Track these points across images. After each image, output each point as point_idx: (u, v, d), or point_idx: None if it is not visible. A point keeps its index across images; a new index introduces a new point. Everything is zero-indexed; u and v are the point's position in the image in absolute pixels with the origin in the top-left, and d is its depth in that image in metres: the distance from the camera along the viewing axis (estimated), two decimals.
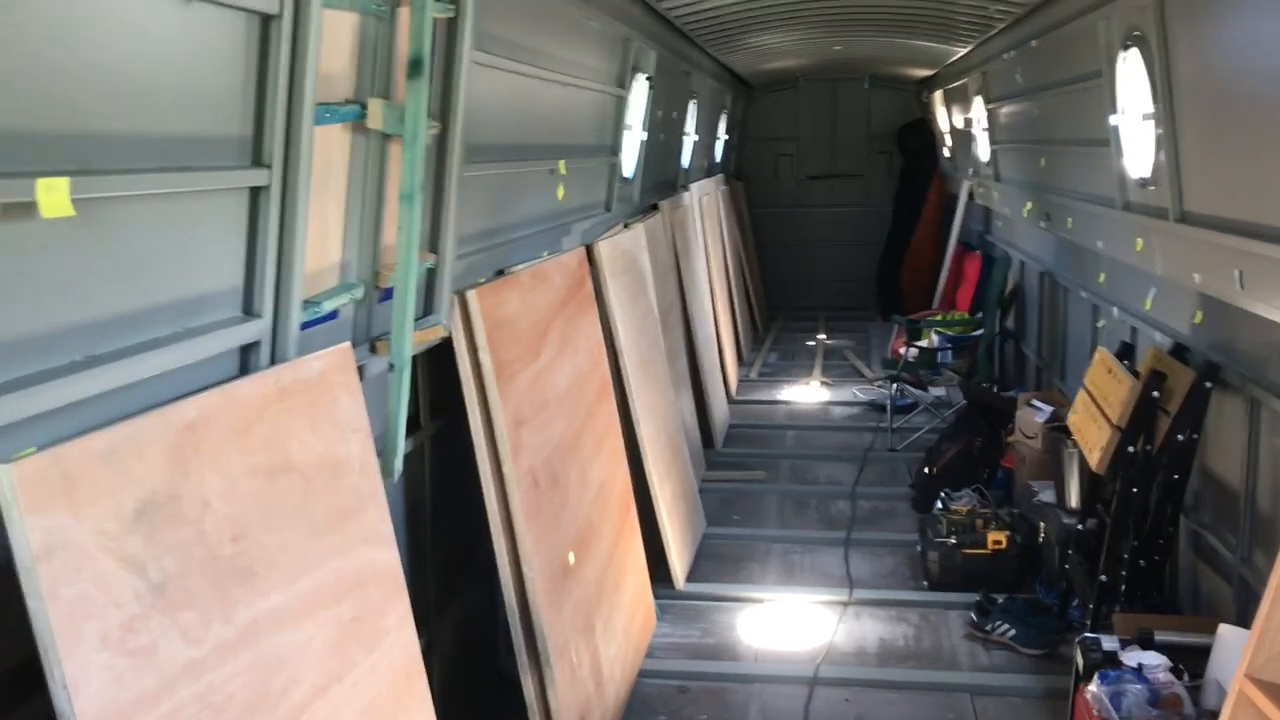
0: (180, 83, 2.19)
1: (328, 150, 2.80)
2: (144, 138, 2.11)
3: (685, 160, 9.45)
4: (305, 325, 2.73)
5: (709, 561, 6.21)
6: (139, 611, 1.98)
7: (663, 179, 8.47)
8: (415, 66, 2.97)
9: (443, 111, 3.38)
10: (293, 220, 2.55)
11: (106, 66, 1.98)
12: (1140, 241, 4.66)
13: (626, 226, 6.55)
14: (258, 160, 2.46)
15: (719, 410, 8.61)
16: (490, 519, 3.93)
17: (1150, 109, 4.32)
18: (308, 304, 2.73)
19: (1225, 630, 3.68)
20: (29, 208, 1.80)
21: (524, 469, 4.00)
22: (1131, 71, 4.64)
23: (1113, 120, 4.84)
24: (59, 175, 1.83)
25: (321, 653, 2.50)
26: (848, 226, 14.28)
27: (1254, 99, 3.46)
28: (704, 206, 9.99)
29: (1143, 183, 4.56)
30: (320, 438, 2.64)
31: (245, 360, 2.54)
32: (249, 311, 2.54)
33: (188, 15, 2.18)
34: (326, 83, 2.71)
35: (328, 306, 2.86)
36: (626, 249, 6.11)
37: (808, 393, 10.11)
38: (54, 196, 1.81)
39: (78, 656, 1.84)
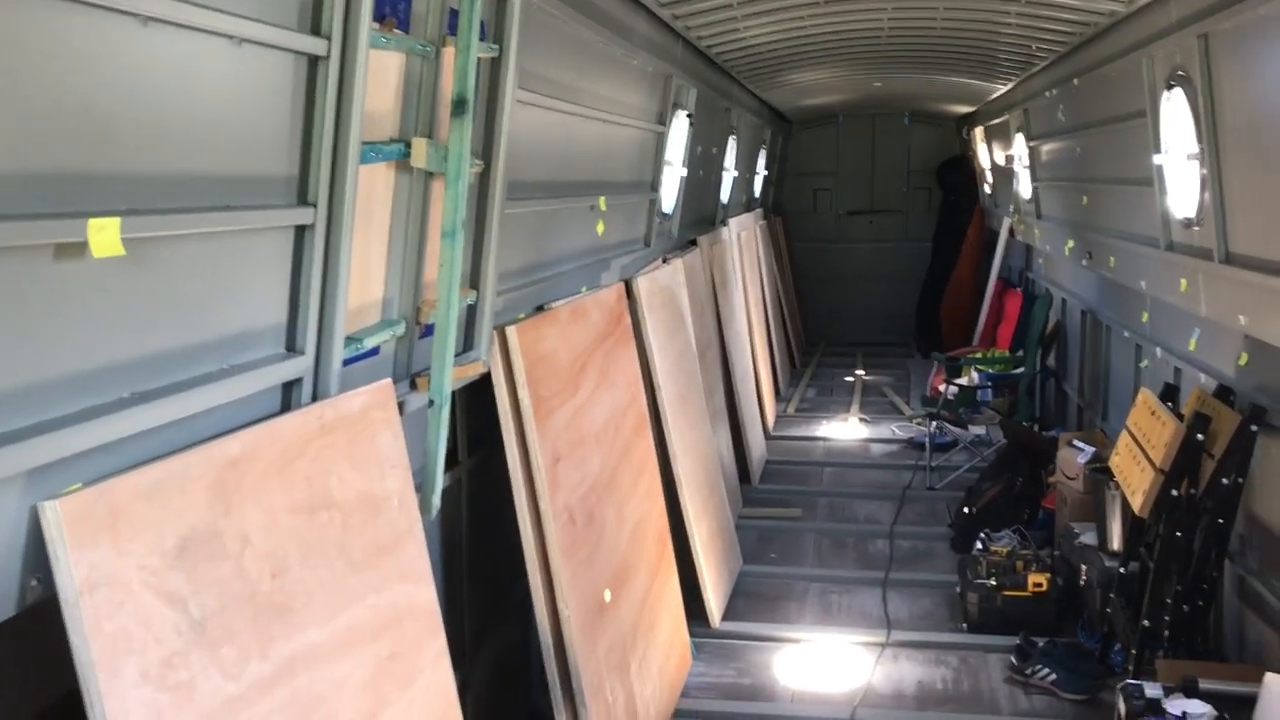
0: (229, 123, 2.23)
1: (371, 188, 2.84)
2: (193, 177, 2.14)
3: (724, 195, 9.47)
4: (347, 362, 2.75)
5: (745, 600, 6.16)
6: (179, 647, 1.99)
7: (701, 214, 8.49)
8: (459, 105, 3.00)
9: (485, 149, 3.41)
10: (336, 258, 2.57)
11: (159, 108, 2.02)
12: (1184, 282, 4.61)
13: (665, 262, 6.57)
14: (303, 199, 2.49)
15: (756, 446, 8.57)
16: (526, 556, 3.92)
17: (1195, 149, 4.28)
18: (350, 340, 2.76)
19: (1272, 679, 3.61)
20: (80, 247, 1.83)
21: (560, 506, 4.00)
22: (1175, 110, 4.61)
23: (1156, 160, 4.80)
24: (110, 215, 1.86)
25: (358, 690, 2.50)
26: (886, 262, 14.23)
27: None
28: (742, 241, 9.99)
29: (1187, 223, 4.52)
30: (360, 474, 2.66)
31: (288, 396, 2.56)
32: (292, 348, 2.56)
33: (239, 57, 2.21)
34: (371, 121, 2.75)
35: (369, 343, 2.89)
36: (665, 284, 6.12)
37: (846, 429, 10.05)
38: (105, 236, 1.84)
39: (118, 692, 1.85)
